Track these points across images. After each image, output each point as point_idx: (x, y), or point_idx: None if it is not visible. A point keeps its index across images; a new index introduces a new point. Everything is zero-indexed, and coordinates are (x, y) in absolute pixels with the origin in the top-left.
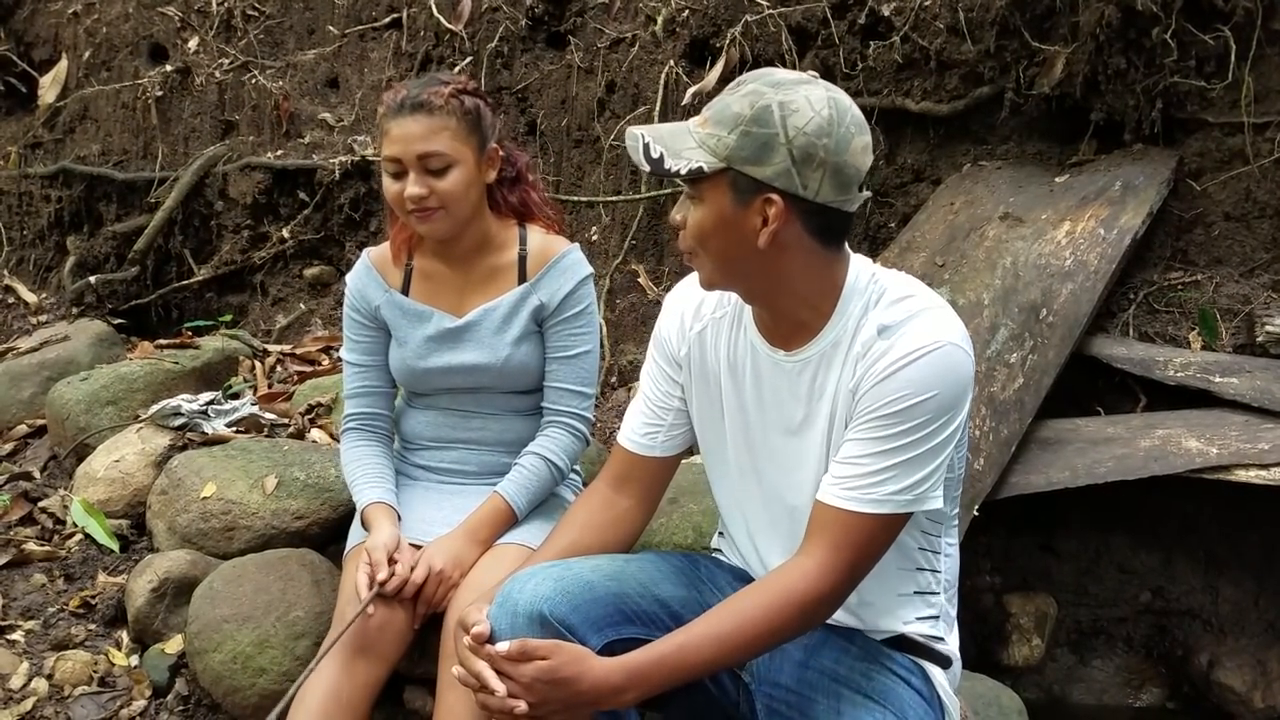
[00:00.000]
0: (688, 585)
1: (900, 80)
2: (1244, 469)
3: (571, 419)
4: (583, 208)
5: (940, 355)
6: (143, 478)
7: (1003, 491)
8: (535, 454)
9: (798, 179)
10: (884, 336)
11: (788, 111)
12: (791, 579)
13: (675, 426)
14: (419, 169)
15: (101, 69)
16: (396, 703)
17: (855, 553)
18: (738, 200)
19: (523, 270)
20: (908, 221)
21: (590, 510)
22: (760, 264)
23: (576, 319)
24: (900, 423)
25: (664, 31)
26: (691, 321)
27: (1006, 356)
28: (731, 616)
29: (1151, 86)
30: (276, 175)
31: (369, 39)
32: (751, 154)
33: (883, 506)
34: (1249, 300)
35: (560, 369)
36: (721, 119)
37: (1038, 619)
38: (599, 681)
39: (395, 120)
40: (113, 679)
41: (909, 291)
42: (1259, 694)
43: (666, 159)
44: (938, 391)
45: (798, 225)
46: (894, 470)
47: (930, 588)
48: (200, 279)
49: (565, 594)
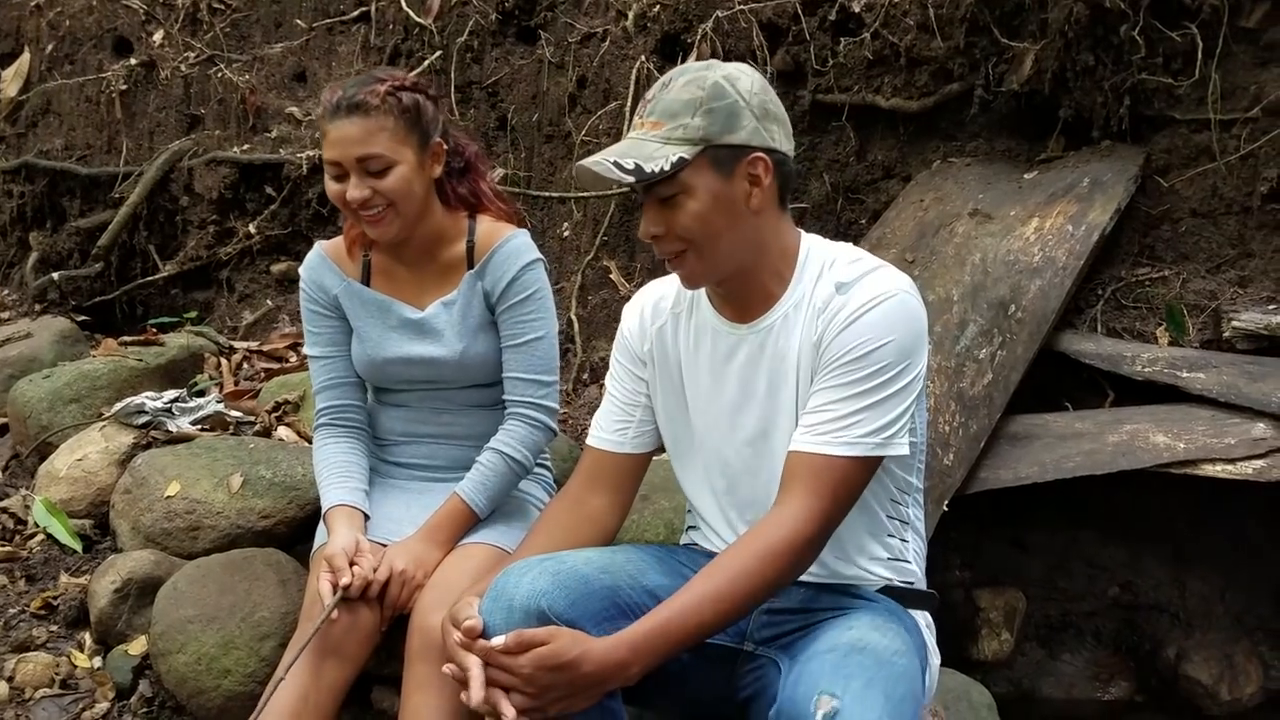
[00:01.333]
0: (670, 574)
1: (871, 77)
2: (1211, 464)
3: (529, 409)
4: (554, 204)
5: (896, 303)
6: (106, 477)
7: (972, 487)
8: (493, 450)
9: (765, 134)
10: (841, 292)
11: (733, 80)
12: (773, 528)
13: (644, 423)
14: (359, 171)
15: (65, 62)
16: (364, 703)
17: (831, 495)
18: (722, 174)
19: (471, 260)
20: (878, 218)
21: (563, 511)
22: (750, 232)
23: (524, 305)
24: (864, 367)
25: (635, 27)
26: (651, 319)
27: (976, 352)
28: (723, 574)
29: (1119, 84)
30: (243, 170)
31: (337, 32)
32: (723, 125)
33: (855, 449)
34: (1216, 296)
35: (514, 357)
36: (674, 112)
37: (1007, 614)
38: (603, 659)
39: (332, 123)
40: (75, 681)
41: (859, 255)
42: (1226, 686)
43: (644, 165)
44: (896, 336)
45: (774, 181)
46: (863, 413)
47: (903, 555)
48: (165, 275)
49: (562, 588)
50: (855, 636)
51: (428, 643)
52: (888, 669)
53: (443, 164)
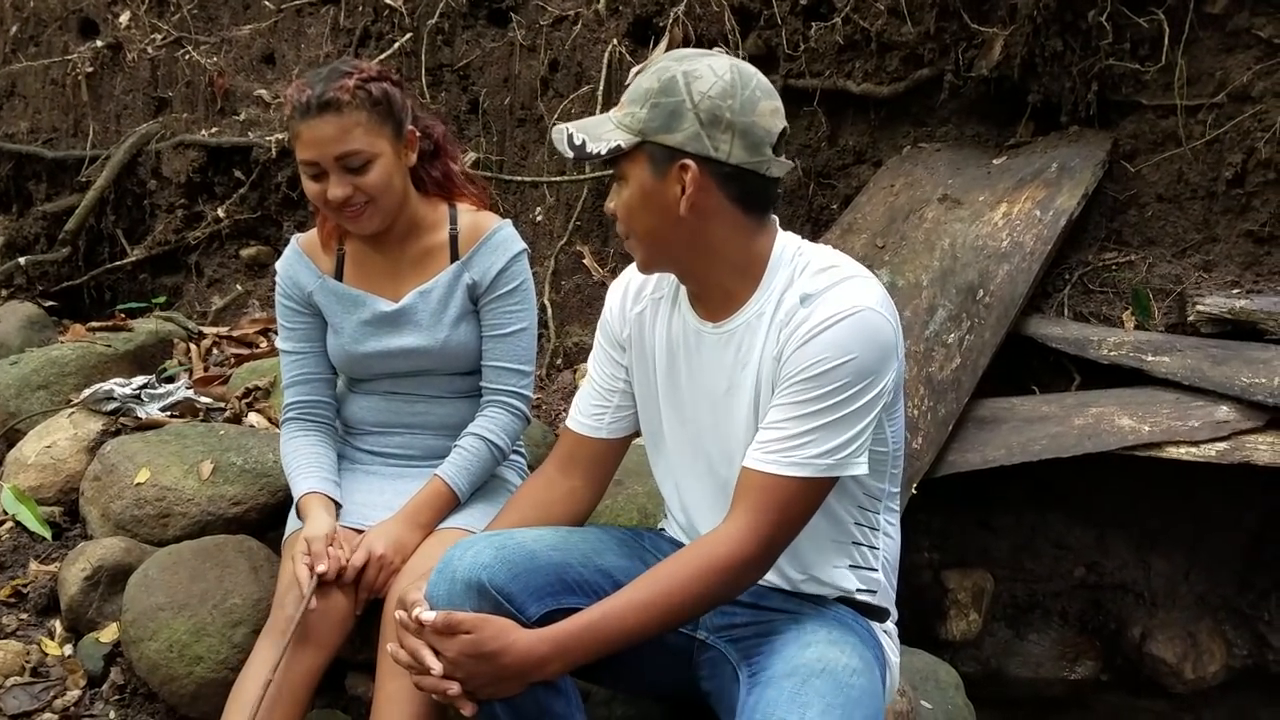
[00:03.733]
0: (630, 556)
1: (842, 62)
2: (1175, 446)
3: (510, 397)
4: (527, 188)
5: (858, 320)
6: (75, 464)
7: (940, 470)
8: (474, 435)
9: (708, 142)
10: (805, 304)
11: (691, 79)
12: (714, 544)
13: (621, 409)
14: (338, 169)
15: (30, 44)
16: (339, 689)
17: (777, 516)
18: (656, 172)
19: (455, 249)
20: (849, 203)
21: (536, 490)
22: (686, 235)
23: (511, 296)
24: (818, 386)
25: (607, 10)
26: (632, 303)
27: (944, 337)
28: (656, 583)
29: (1087, 69)
30: (211, 153)
31: (306, 14)
32: (662, 123)
33: (803, 470)
34: (1181, 280)
35: (496, 347)
36: (633, 98)
37: (975, 594)
38: (524, 654)
39: (304, 123)
40: (46, 669)
41: (833, 262)
42: (1190, 665)
43: (588, 144)
44: (856, 355)
45: (716, 191)
46: (814, 434)
47: (868, 563)
48: (133, 260)
49: (505, 562)
50: (814, 656)
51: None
52: (845, 693)
53: (417, 151)
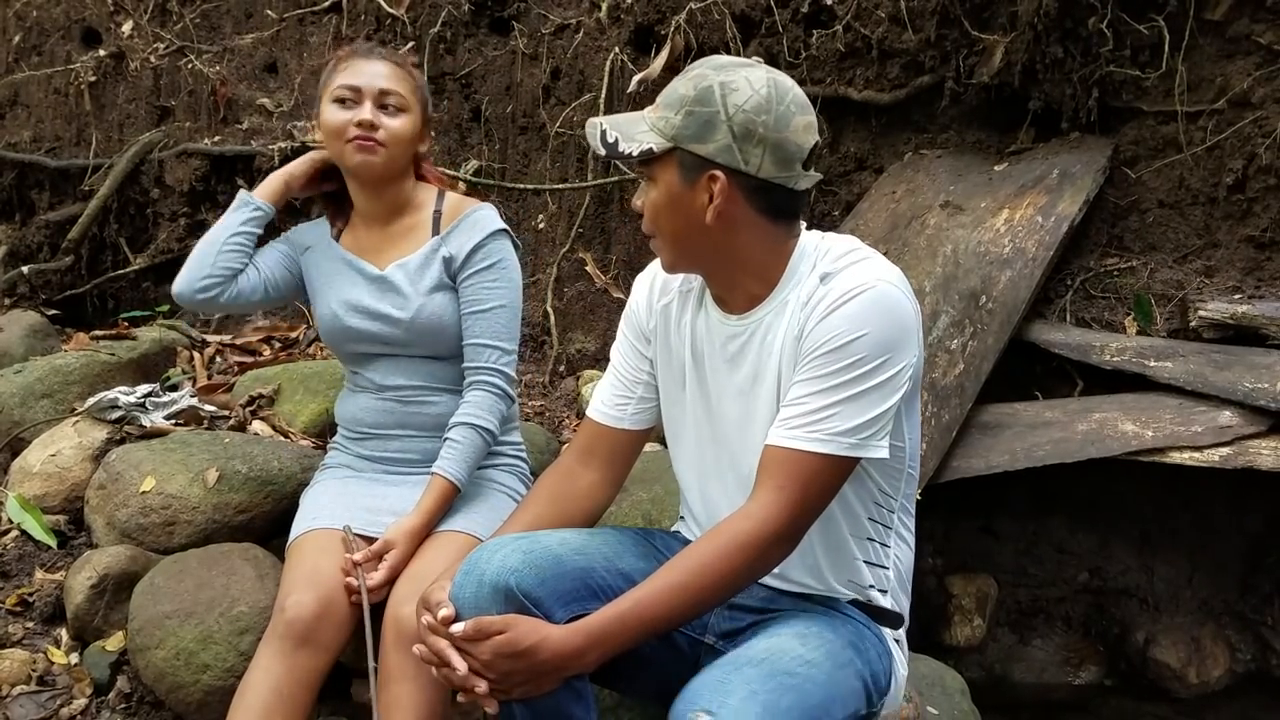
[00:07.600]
0: (647, 558)
1: (843, 69)
2: (1178, 451)
3: (490, 374)
4: (529, 196)
5: (875, 294)
6: (80, 472)
7: (944, 475)
8: (461, 424)
9: (739, 155)
10: (825, 282)
11: (728, 90)
12: (740, 521)
13: (644, 400)
14: (376, 102)
15: (32, 53)
16: (343, 696)
17: (801, 493)
18: (685, 179)
19: (436, 226)
20: (851, 210)
21: (554, 483)
22: (711, 241)
23: (489, 272)
24: (839, 360)
25: (609, 18)
26: (659, 296)
27: (947, 343)
28: (686, 566)
29: (1088, 75)
30: (214, 162)
31: (308, 23)
32: (695, 132)
33: (827, 445)
34: (1183, 285)
35: (476, 323)
36: (669, 102)
37: (979, 600)
38: (559, 647)
39: (360, 58)
40: (52, 677)
41: (853, 246)
42: (1193, 670)
43: (621, 143)
44: (872, 329)
45: (743, 201)
46: (836, 408)
47: (880, 560)
48: (137, 268)
49: (533, 567)
50: (762, 647)
51: (403, 633)
52: (779, 680)
53: (427, 145)
